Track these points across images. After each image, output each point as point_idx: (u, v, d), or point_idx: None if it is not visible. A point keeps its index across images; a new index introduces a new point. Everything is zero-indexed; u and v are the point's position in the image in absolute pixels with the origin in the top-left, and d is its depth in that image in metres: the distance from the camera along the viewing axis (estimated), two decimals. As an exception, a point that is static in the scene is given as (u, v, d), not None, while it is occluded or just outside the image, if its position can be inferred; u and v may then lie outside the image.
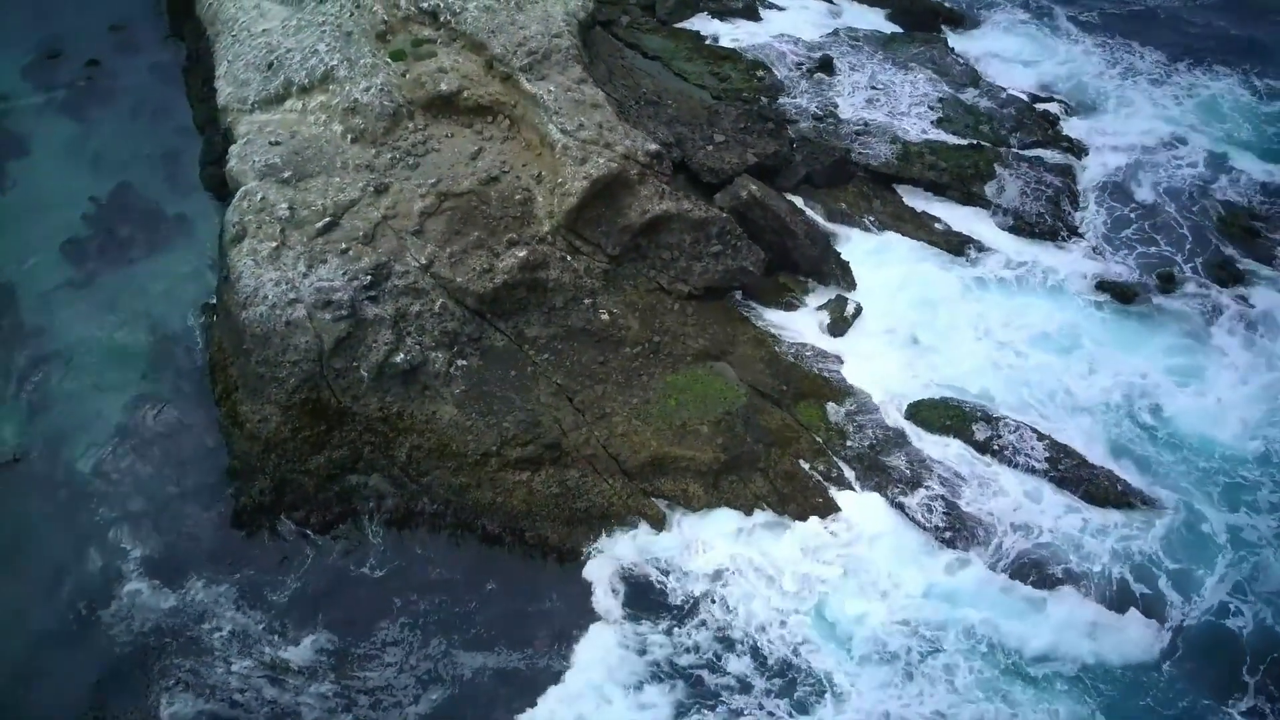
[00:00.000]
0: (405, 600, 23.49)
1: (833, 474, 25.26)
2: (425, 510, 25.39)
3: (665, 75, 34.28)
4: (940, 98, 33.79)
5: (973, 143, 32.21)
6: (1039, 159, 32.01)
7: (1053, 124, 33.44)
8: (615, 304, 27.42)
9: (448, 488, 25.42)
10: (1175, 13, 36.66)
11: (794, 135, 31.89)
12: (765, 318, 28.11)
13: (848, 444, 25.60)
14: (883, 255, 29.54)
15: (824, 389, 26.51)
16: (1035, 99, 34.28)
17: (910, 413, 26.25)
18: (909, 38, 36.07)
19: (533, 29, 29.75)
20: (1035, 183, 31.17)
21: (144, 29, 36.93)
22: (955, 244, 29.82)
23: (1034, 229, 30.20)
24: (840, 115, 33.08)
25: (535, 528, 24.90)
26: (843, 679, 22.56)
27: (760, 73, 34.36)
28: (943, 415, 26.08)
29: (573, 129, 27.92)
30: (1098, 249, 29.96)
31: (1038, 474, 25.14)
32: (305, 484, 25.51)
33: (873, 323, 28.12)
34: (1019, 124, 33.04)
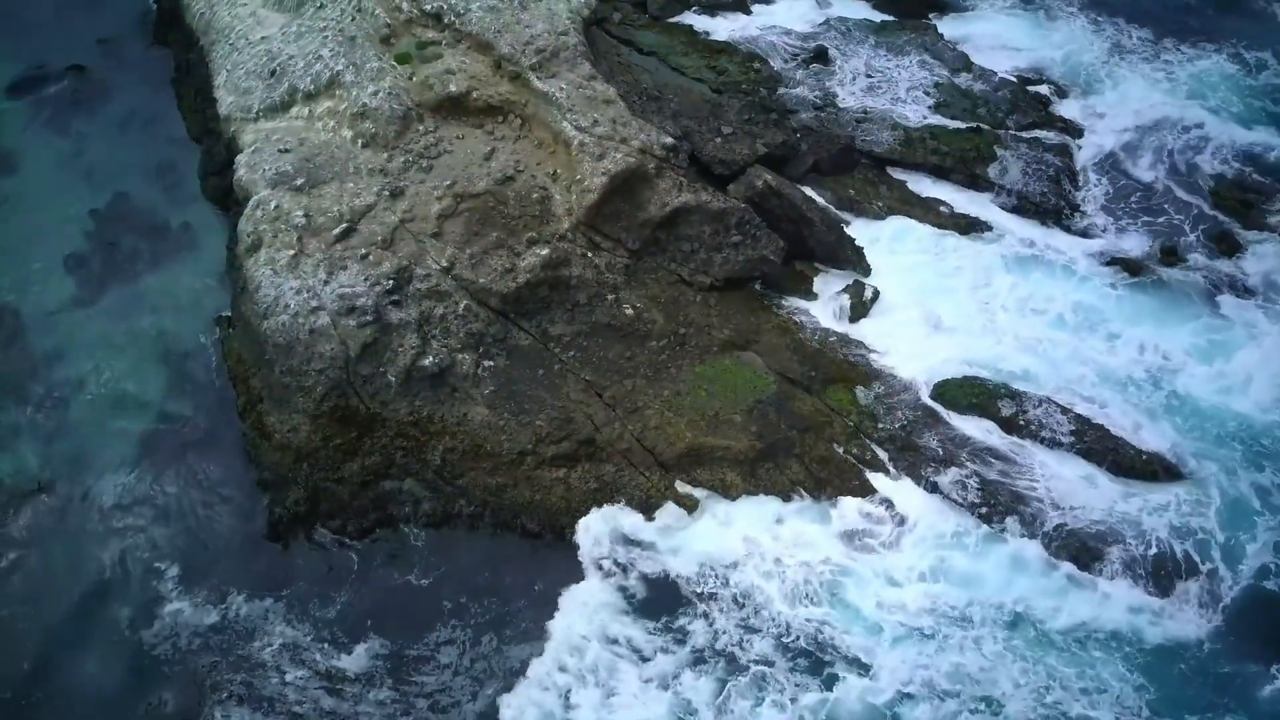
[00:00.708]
0: (455, 601, 23.47)
1: (866, 456, 25.56)
2: (463, 512, 25.34)
3: (663, 70, 34.33)
4: (936, 83, 34.23)
5: (972, 126, 32.67)
6: (1037, 140, 32.53)
7: (1045, 106, 34.03)
8: (638, 298, 27.50)
9: (484, 488, 25.38)
10: (1160, -10, 37.24)
11: (796, 125, 32.15)
12: (786, 305, 28.35)
13: (879, 426, 25.91)
14: (894, 240, 29.87)
15: (851, 373, 26.80)
16: (1027, 82, 34.84)
17: (936, 393, 26.61)
18: (899, 25, 36.45)
19: (539, 27, 29.72)
20: (1036, 163, 31.70)
21: (131, 41, 36.26)
22: (963, 226, 30.25)
23: (1038, 208, 30.71)
24: (840, 104, 33.39)
25: (575, 524, 24.94)
26: (874, 654, 22.86)
27: (757, 65, 34.55)
28: (969, 394, 26.46)
29: (587, 125, 27.95)
30: (1101, 225, 30.51)
31: (1065, 447, 25.58)
32: (340, 492, 25.33)
33: (890, 306, 28.44)
34: (1014, 106, 33.57)
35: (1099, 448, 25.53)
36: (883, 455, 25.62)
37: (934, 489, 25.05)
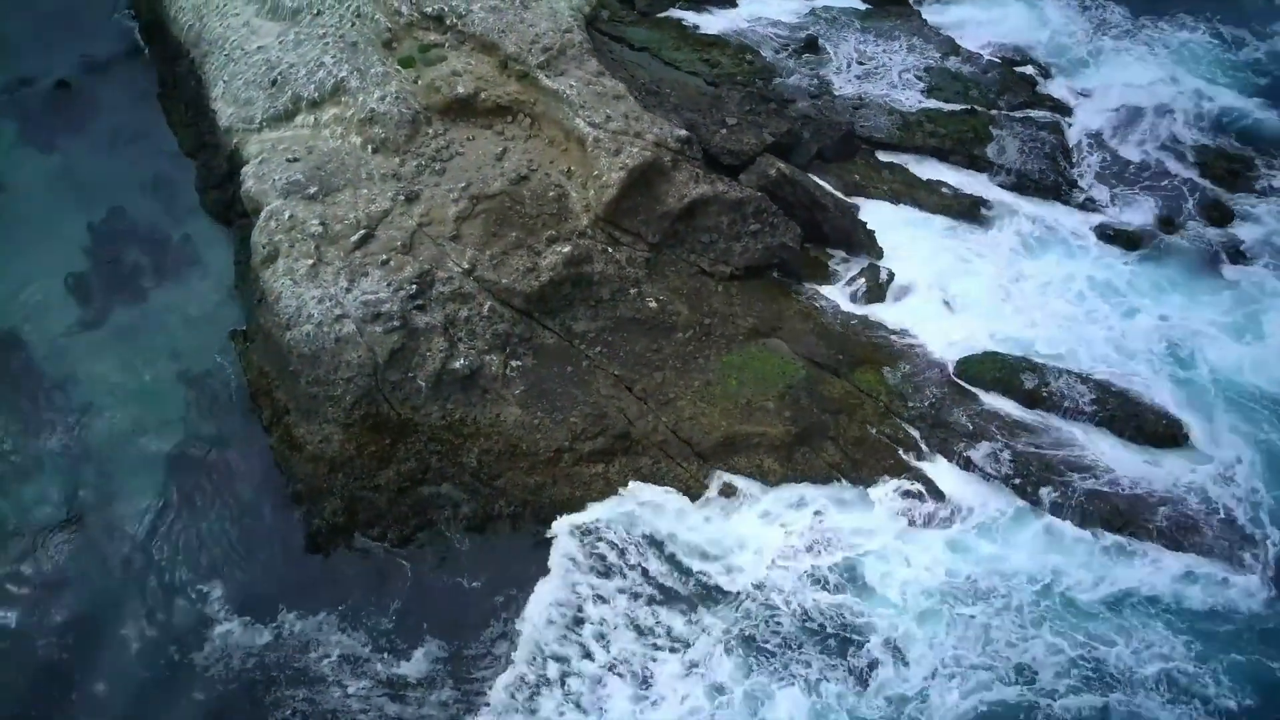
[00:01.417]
0: (506, 596, 23.34)
1: (899, 435, 25.93)
2: (503, 513, 25.22)
3: (657, 66, 34.45)
4: (926, 67, 34.79)
5: (966, 108, 33.27)
6: (1029, 119, 33.17)
7: (1033, 86, 34.75)
8: (661, 291, 27.61)
9: (523, 488, 25.32)
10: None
11: (794, 114, 32.47)
12: (804, 291, 28.63)
13: (909, 405, 26.29)
14: (902, 222, 30.26)
15: (877, 355, 27.17)
16: (1012, 63, 35.51)
17: (959, 370, 27.06)
18: (883, 13, 36.91)
19: (543, 26, 29.69)
20: (1031, 141, 32.35)
21: (112, 56, 35.20)
22: (968, 206, 30.78)
23: (1038, 185, 31.35)
24: (835, 92, 33.80)
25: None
26: (907, 630, 23.15)
27: (749, 57, 34.84)
28: (991, 369, 26.94)
29: (601, 121, 27.99)
30: (1099, 200, 31.29)
31: (1088, 417, 26.15)
32: (377, 500, 25.11)
33: (906, 288, 28.85)
34: (1004, 87, 34.23)
35: (1121, 414, 26.14)
36: (914, 434, 26.01)
37: (967, 464, 25.46)
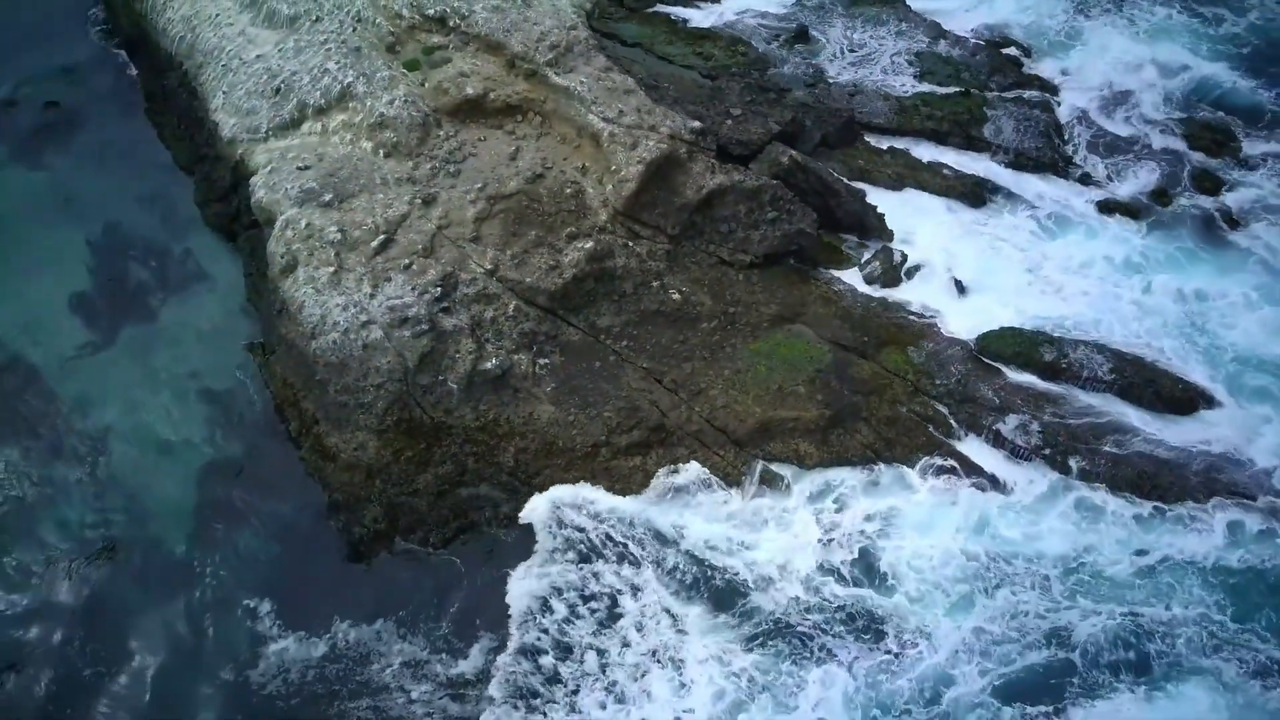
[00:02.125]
0: (554, 584, 23.31)
1: (929, 413, 26.32)
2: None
3: (651, 60, 34.51)
4: (916, 52, 35.32)
5: (959, 90, 33.87)
6: (1021, 98, 33.83)
7: (1019, 67, 35.49)
8: (683, 282, 27.74)
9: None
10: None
11: (793, 103, 32.79)
12: (822, 277, 28.94)
13: (936, 383, 26.70)
14: (909, 205, 30.68)
15: (900, 335, 27.57)
16: (996, 45, 36.22)
17: (980, 346, 27.55)
18: (869, 1, 37.48)
19: (547, 24, 29.67)
20: (1025, 120, 33.00)
21: (95, 71, 34.52)
22: (970, 186, 31.30)
23: (1036, 162, 31.99)
24: (830, 80, 34.20)
25: (658, 510, 25.09)
26: (937, 610, 23.48)
27: (742, 48, 35.06)
28: (1011, 343, 27.44)
29: (614, 116, 28.05)
30: (1095, 175, 32.05)
31: (1107, 385, 26.77)
32: (417, 504, 24.93)
33: (919, 268, 29.33)
34: (993, 69, 34.87)
35: (1139, 380, 26.81)
36: (944, 410, 26.43)
37: (997, 437, 25.93)
